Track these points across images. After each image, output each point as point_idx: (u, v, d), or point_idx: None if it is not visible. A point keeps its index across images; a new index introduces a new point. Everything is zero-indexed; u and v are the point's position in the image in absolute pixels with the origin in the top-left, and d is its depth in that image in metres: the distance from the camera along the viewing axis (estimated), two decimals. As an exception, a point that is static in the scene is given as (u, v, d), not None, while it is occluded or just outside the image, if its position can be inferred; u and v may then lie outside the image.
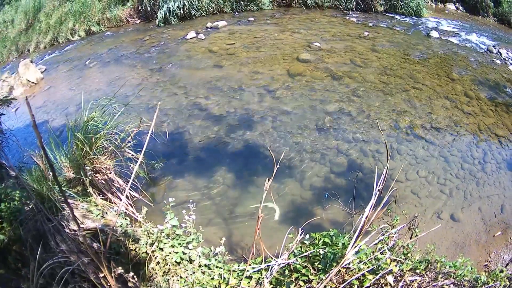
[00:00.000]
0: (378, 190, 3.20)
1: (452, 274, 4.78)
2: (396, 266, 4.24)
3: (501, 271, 5.02)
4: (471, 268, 5.01)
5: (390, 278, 4.14)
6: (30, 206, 6.01)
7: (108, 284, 4.15)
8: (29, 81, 16.36)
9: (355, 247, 3.43)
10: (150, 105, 13.02)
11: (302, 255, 4.55)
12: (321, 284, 3.79)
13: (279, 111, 12.42)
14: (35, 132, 2.05)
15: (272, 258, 4.51)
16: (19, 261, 5.64)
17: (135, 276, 4.95)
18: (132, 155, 8.74)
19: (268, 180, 3.34)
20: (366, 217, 3.21)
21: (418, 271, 4.58)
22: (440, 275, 4.62)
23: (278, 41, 17.50)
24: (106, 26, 22.10)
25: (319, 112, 12.34)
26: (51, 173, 6.76)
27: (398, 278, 4.41)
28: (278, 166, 3.36)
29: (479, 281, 4.74)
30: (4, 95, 14.22)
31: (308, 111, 12.39)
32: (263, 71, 14.77)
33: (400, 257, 4.72)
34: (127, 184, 8.23)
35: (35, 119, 1.97)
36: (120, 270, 4.54)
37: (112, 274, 4.13)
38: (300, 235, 4.49)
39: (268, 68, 14.97)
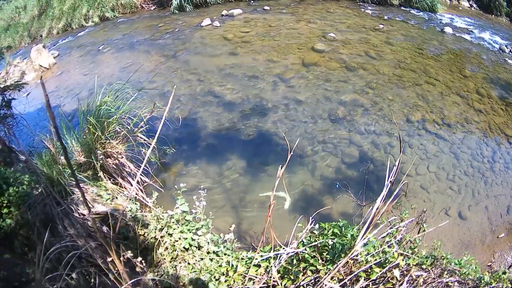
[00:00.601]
0: (390, 181, 3.21)
1: (457, 272, 4.79)
2: (403, 260, 4.25)
3: (504, 273, 5.02)
4: (475, 267, 5.01)
5: (396, 272, 4.15)
6: (39, 190, 6.03)
7: (116, 269, 4.17)
8: (41, 66, 16.43)
9: (364, 238, 3.44)
10: (163, 91, 13.09)
11: (311, 245, 4.56)
12: (328, 274, 3.81)
13: (293, 100, 12.44)
14: (48, 112, 2.07)
15: (281, 247, 4.53)
16: (25, 246, 5.64)
17: (143, 261, 4.97)
18: (144, 140, 8.77)
19: (281, 168, 3.35)
20: (376, 209, 3.22)
21: (424, 266, 4.58)
22: (445, 272, 4.63)
23: (293, 30, 17.49)
24: (121, 12, 22.16)
25: (333, 103, 12.37)
26: (62, 157, 6.81)
27: (404, 272, 4.42)
28: (291, 153, 3.36)
29: (482, 281, 4.75)
30: (16, 80, 14.23)
31: (322, 101, 12.42)
32: (278, 60, 14.79)
33: (407, 252, 4.73)
34: (138, 169, 8.31)
35: (49, 99, 1.99)
36: (129, 254, 4.56)
37: (121, 259, 4.15)
38: (310, 225, 4.50)
39: (282, 57, 14.99)
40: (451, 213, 9.26)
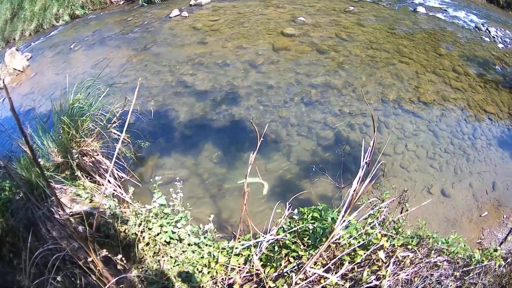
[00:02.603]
0: (366, 162, 3.15)
1: (445, 251, 4.75)
2: (387, 241, 4.21)
3: (495, 250, 5.00)
4: (464, 245, 4.99)
5: (381, 254, 4.11)
6: (20, 195, 5.98)
7: (97, 268, 4.12)
8: (15, 69, 16.26)
9: (344, 221, 3.39)
10: (135, 85, 12.88)
11: (291, 230, 4.52)
12: (311, 260, 3.75)
13: (264, 85, 12.44)
14: (12, 114, 2.01)
15: (260, 234, 4.48)
16: (12, 253, 5.62)
17: (123, 259, 4.92)
18: (118, 135, 8.70)
19: (253, 154, 3.30)
20: (354, 190, 3.17)
21: (410, 247, 4.55)
22: (433, 252, 4.59)
23: (262, 16, 17.53)
24: (90, 9, 21.96)
25: (305, 86, 12.38)
26: (40, 159, 6.74)
27: (390, 253, 4.38)
28: (262, 139, 3.31)
29: (473, 259, 4.71)
30: (-10, 86, 14.12)
31: (294, 85, 12.44)
32: (248, 46, 14.80)
33: (391, 232, 4.69)
34: (115, 166, 8.29)
35: (12, 102, 1.93)
36: (104, 252, 4.50)
37: (98, 257, 4.10)
38: (288, 210, 4.45)
39: (252, 43, 15.00)
40: (434, 191, 9.26)
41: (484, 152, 10.41)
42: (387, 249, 4.34)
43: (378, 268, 4.16)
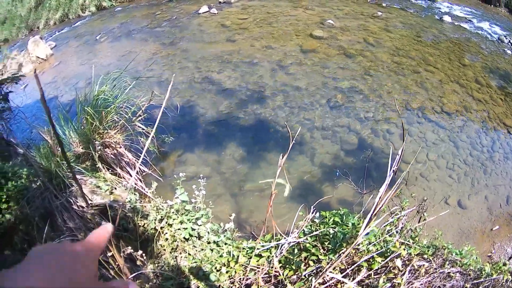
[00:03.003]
0: (393, 171, 3.17)
1: (458, 262, 4.77)
2: (404, 249, 4.23)
3: (504, 264, 5.00)
4: (476, 257, 5.00)
5: (398, 262, 4.13)
6: (38, 184, 5.99)
7: (116, 263, 4.14)
8: (38, 57, 16.36)
9: (367, 228, 3.42)
10: (161, 79, 13.12)
11: (312, 234, 4.53)
12: (331, 265, 3.78)
13: (291, 86, 12.45)
14: (43, 106, 2.01)
15: (282, 236, 4.50)
16: (25, 241, 5.60)
17: (143, 254, 4.95)
18: (143, 129, 8.72)
19: (283, 156, 3.32)
20: (379, 198, 3.19)
21: (425, 256, 4.56)
22: (447, 262, 4.60)
23: (291, 17, 17.53)
24: (118, 1, 22.06)
25: (331, 89, 12.38)
26: (59, 149, 6.75)
27: (406, 262, 4.40)
28: (293, 142, 3.32)
29: (483, 272, 4.73)
30: (13, 73, 14.20)
31: (321, 88, 12.42)
32: (276, 46, 14.81)
33: (408, 241, 4.71)
34: (137, 159, 8.30)
35: (43, 93, 1.94)
36: (129, 250, 4.53)
37: (122, 255, 4.12)
38: (312, 214, 4.46)
39: (281, 44, 15.01)
40: (451, 202, 9.25)
41: (501, 165, 10.37)
42: (404, 257, 4.35)
43: (394, 276, 4.18)
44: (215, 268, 4.93)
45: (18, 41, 20.77)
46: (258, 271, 4.52)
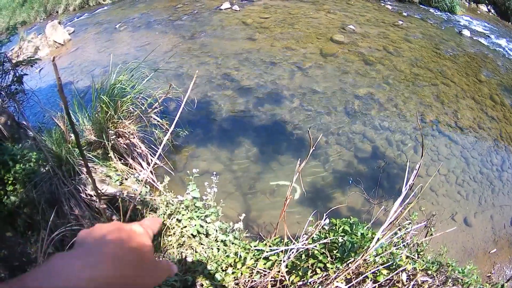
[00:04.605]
0: (410, 185, 3.18)
1: (460, 281, 4.78)
2: (410, 264, 4.23)
3: (502, 286, 5.02)
4: (477, 277, 5.01)
5: (404, 276, 4.15)
6: (47, 168, 6.00)
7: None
8: (55, 42, 16.46)
9: (379, 240, 3.42)
10: (179, 72, 13.17)
11: (322, 241, 4.53)
12: (339, 275, 3.79)
13: (308, 89, 12.48)
14: (60, 96, 2.01)
15: (291, 241, 4.49)
16: (28, 225, 5.64)
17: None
18: (158, 121, 8.71)
19: (301, 162, 3.32)
20: (395, 211, 3.19)
21: (429, 272, 4.57)
22: (450, 280, 4.62)
23: (312, 19, 17.56)
24: (139, -9, 22.04)
25: (349, 95, 12.41)
26: (72, 135, 6.75)
27: (411, 276, 4.40)
28: (313, 149, 3.31)
29: (483, 292, 4.75)
30: (29, 56, 14.24)
31: (338, 93, 12.46)
32: (296, 48, 14.87)
33: (413, 254, 4.71)
34: (150, 151, 8.31)
35: (61, 83, 1.93)
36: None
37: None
38: (324, 220, 4.46)
39: (301, 46, 15.07)
40: (457, 219, 9.27)
41: (509, 185, 10.37)
42: (409, 271, 4.36)
43: (397, 290, 4.18)
44: (221, 268, 4.94)
45: (36, 24, 20.91)
46: (265, 274, 4.52)
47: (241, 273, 4.66)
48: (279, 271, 4.37)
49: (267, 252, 4.54)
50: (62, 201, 5.76)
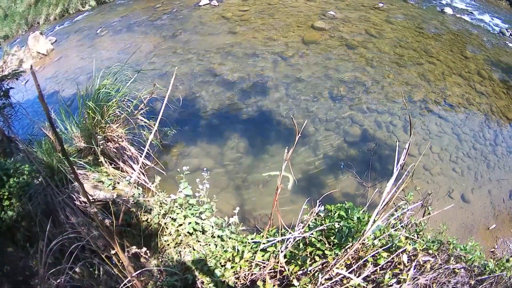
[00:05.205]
0: (400, 165, 3.14)
1: (463, 258, 4.75)
2: (409, 244, 4.20)
3: (507, 261, 4.99)
4: (480, 253, 4.97)
5: (404, 257, 4.11)
6: (40, 180, 5.98)
7: (120, 261, 4.10)
8: (39, 53, 16.36)
9: (374, 224, 3.38)
10: (163, 71, 13.12)
11: (318, 228, 4.49)
12: (338, 261, 3.76)
13: (293, 78, 12.48)
14: (40, 101, 2.00)
15: (287, 231, 4.46)
16: (27, 238, 5.61)
17: (147, 251, 4.92)
18: (145, 122, 8.70)
19: (288, 150, 3.29)
20: (387, 193, 3.15)
21: (430, 251, 4.53)
22: (452, 258, 4.57)
23: (292, 8, 17.52)
24: (117, -5, 21.97)
25: (334, 81, 12.40)
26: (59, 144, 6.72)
27: (412, 257, 4.37)
28: (293, 133, 3.28)
29: (487, 268, 4.71)
30: (14, 69, 14.19)
31: (323, 79, 12.46)
32: (278, 38, 14.85)
33: (413, 235, 4.68)
34: (140, 152, 8.30)
35: (41, 90, 1.91)
36: (134, 249, 4.51)
37: (126, 254, 4.09)
38: (318, 208, 4.42)
39: (282, 35, 15.05)
40: (455, 196, 9.23)
41: (504, 159, 10.37)
42: (409, 252, 4.32)
43: (399, 272, 4.14)
44: (220, 263, 4.91)
45: (19, 37, 20.79)
46: (264, 266, 4.49)
47: (240, 267, 4.62)
48: (278, 262, 4.33)
49: (263, 244, 4.51)
50: (57, 211, 5.74)
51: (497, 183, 9.71)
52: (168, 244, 5.65)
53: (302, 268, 4.25)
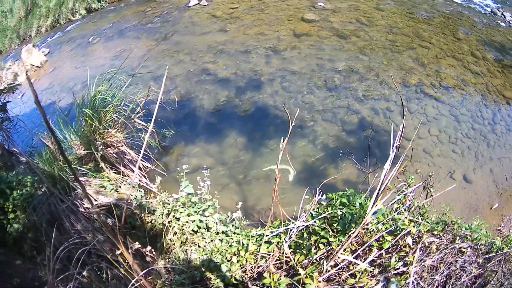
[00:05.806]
0: (396, 147, 3.15)
1: (469, 237, 4.75)
2: (413, 227, 4.21)
3: (514, 237, 5.00)
4: (486, 231, 4.97)
5: (409, 240, 4.11)
6: (43, 190, 5.99)
7: (126, 261, 4.12)
8: (33, 65, 16.35)
9: (374, 207, 3.39)
10: (157, 74, 13.11)
11: (320, 216, 4.50)
12: (341, 247, 3.76)
13: (287, 71, 12.47)
14: (37, 106, 2.00)
15: (290, 221, 4.47)
16: (34, 249, 5.61)
17: (152, 250, 4.93)
18: (143, 125, 8.73)
19: (284, 140, 3.30)
20: (385, 175, 3.16)
21: (435, 232, 4.54)
22: (457, 238, 4.58)
23: (281, 2, 17.42)
24: (107, 2, 21.87)
25: (328, 71, 12.41)
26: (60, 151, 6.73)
27: (416, 239, 4.38)
28: (293, 125, 3.29)
29: (494, 246, 4.71)
30: (9, 83, 14.20)
31: (317, 71, 12.45)
32: (269, 33, 14.84)
33: (417, 218, 4.68)
34: (139, 155, 8.32)
35: (36, 95, 1.92)
36: (137, 245, 4.52)
37: (130, 251, 4.10)
38: (318, 196, 4.44)
39: (273, 30, 15.04)
40: (456, 177, 9.27)
41: (504, 137, 10.37)
42: (414, 235, 4.33)
43: (405, 254, 4.15)
44: (226, 258, 4.92)
45: (11, 51, 20.75)
46: (269, 258, 4.50)
47: (246, 260, 4.63)
48: (283, 253, 4.35)
49: (267, 235, 4.52)
50: (62, 218, 5.75)
51: (498, 161, 9.73)
52: (174, 244, 5.67)
53: (307, 257, 4.26)
